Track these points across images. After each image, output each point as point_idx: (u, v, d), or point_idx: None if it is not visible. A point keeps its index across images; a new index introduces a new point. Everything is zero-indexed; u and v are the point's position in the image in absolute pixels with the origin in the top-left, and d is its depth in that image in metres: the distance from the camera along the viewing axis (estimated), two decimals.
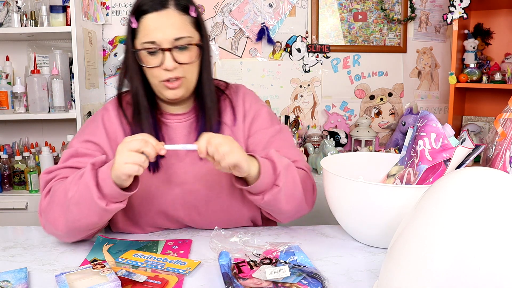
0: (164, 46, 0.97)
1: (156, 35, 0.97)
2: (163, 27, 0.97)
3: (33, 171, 2.11)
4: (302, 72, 2.54)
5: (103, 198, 0.88)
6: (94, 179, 0.89)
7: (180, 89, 1.02)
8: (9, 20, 2.09)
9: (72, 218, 0.91)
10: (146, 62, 1.00)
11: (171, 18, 0.98)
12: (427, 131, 0.96)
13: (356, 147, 2.49)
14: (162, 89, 1.02)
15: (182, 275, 0.84)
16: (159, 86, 1.02)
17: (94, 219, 0.91)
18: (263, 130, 1.11)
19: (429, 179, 0.93)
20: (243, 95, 1.15)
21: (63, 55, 2.20)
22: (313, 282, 0.77)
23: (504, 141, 0.88)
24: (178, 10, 0.99)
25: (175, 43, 0.98)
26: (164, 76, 0.99)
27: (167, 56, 0.97)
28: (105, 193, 0.88)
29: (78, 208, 0.90)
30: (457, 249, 0.57)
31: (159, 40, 0.97)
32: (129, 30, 1.02)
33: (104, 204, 0.88)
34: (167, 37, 0.97)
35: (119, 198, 0.90)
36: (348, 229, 1.03)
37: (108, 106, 1.12)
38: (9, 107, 2.11)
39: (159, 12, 0.97)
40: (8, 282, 0.80)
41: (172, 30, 0.97)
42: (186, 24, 1.00)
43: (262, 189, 0.96)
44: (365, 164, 1.16)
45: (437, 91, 2.64)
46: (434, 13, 2.56)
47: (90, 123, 1.11)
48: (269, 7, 2.48)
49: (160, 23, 0.97)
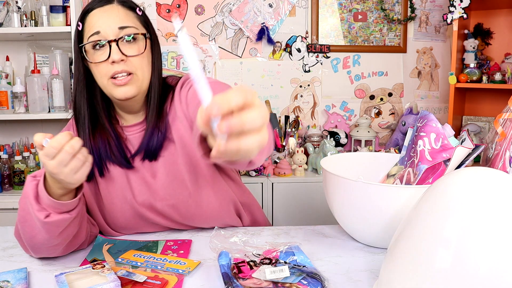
0: (109, 38, 0.95)
1: (100, 26, 0.95)
2: (108, 18, 0.96)
3: (33, 171, 2.11)
4: (302, 72, 2.54)
5: (42, 210, 0.82)
6: (33, 191, 0.82)
7: (130, 87, 0.97)
8: (9, 20, 2.09)
9: (27, 236, 0.87)
10: (93, 59, 0.97)
11: (115, 10, 0.97)
12: (427, 131, 0.96)
13: (356, 147, 2.49)
14: (112, 88, 0.97)
15: (182, 275, 0.84)
16: (108, 86, 0.97)
17: (44, 234, 0.84)
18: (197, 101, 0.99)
19: (429, 179, 0.93)
20: (181, 83, 1.08)
21: (63, 55, 2.20)
22: (313, 282, 0.77)
23: (504, 141, 0.88)
24: (123, 6, 0.99)
25: (120, 32, 0.96)
26: (112, 70, 0.95)
27: (113, 48, 0.94)
28: (45, 205, 0.82)
29: (27, 224, 0.86)
30: (457, 249, 0.57)
31: (104, 30, 0.95)
32: (76, 34, 1.01)
33: (43, 216, 0.81)
34: (111, 25, 0.95)
35: (61, 209, 0.83)
36: (348, 229, 1.03)
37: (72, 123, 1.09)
38: (9, 107, 2.11)
39: (103, 7, 0.97)
40: (8, 282, 0.80)
41: (116, 20, 0.96)
42: (131, 17, 0.99)
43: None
44: (365, 164, 1.16)
45: (437, 91, 2.64)
46: (434, 13, 2.56)
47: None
48: (269, 7, 2.48)
49: (104, 15, 0.96)
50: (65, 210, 0.84)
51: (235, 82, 2.47)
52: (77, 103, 1.03)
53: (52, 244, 0.87)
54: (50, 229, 0.83)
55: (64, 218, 0.83)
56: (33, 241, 0.87)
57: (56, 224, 0.83)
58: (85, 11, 0.99)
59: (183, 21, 0.87)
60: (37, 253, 0.91)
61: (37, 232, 0.85)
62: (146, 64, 1.00)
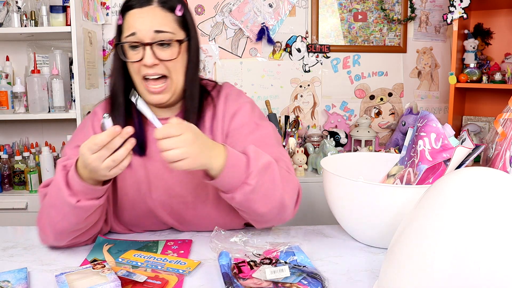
0: (145, 41, 0.96)
1: (137, 27, 0.96)
2: (144, 20, 0.96)
3: (33, 171, 2.11)
4: (302, 72, 2.54)
5: (73, 196, 0.88)
6: (64, 178, 0.89)
7: (165, 94, 1.00)
8: (9, 20, 2.09)
9: (53, 221, 0.92)
10: (128, 57, 0.99)
11: (153, 13, 0.97)
12: (427, 131, 0.96)
13: (356, 147, 2.49)
14: (145, 92, 1.00)
15: (182, 275, 0.84)
16: (141, 87, 1.00)
17: (72, 219, 0.90)
18: (240, 127, 1.05)
19: (429, 179, 0.93)
20: (226, 95, 1.10)
21: (63, 55, 2.20)
22: (313, 282, 0.77)
23: (504, 141, 0.88)
24: (162, 7, 0.98)
25: (155, 37, 0.96)
26: (144, 71, 0.98)
27: (147, 51, 0.96)
28: (75, 190, 0.88)
29: (55, 210, 0.91)
30: (457, 249, 0.57)
31: (140, 31, 0.96)
32: (117, 27, 1.03)
33: (75, 201, 0.87)
34: (147, 28, 0.95)
35: (91, 194, 0.88)
36: (348, 229, 1.03)
37: (97, 110, 1.11)
38: (9, 107, 2.11)
39: (142, 8, 0.97)
40: (8, 282, 0.80)
41: (152, 22, 0.96)
42: (170, 21, 0.98)
43: (230, 186, 0.90)
44: (365, 164, 1.16)
45: (437, 91, 2.64)
46: (434, 13, 2.56)
47: (81, 129, 1.10)
48: (269, 7, 2.48)
49: (141, 17, 0.97)
50: (95, 196, 0.89)
51: (235, 82, 2.47)
52: (114, 92, 1.05)
53: (77, 229, 0.93)
54: (79, 213, 0.90)
55: (93, 204, 0.90)
56: (58, 226, 0.92)
57: (85, 209, 0.89)
58: (125, 7, 0.99)
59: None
60: (59, 239, 0.95)
61: (64, 217, 0.90)
62: (180, 67, 1.01)
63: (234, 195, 0.90)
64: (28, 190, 2.13)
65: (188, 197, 1.04)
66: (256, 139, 1.02)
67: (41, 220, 0.96)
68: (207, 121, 1.07)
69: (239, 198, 0.90)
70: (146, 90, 1.00)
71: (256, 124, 1.05)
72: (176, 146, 0.82)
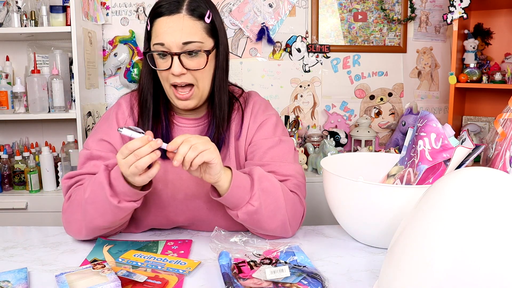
0: (172, 50, 0.97)
1: (165, 37, 0.96)
2: (173, 31, 0.96)
3: (33, 171, 2.11)
4: (302, 72, 2.54)
5: (115, 196, 0.91)
6: (107, 178, 0.91)
7: (191, 100, 1.02)
8: (9, 20, 2.09)
9: (89, 218, 0.95)
10: (158, 65, 1.01)
11: (182, 22, 0.97)
12: (427, 131, 0.96)
13: (356, 147, 2.49)
14: (173, 97, 1.03)
15: (182, 275, 0.84)
16: (170, 93, 1.02)
17: (109, 217, 0.94)
18: (263, 139, 1.08)
19: (429, 179, 0.93)
20: (253, 104, 1.13)
21: (63, 55, 2.20)
22: (313, 282, 0.77)
23: (504, 141, 0.88)
24: (191, 16, 0.98)
25: (183, 47, 0.97)
26: (172, 80, 0.99)
27: (175, 61, 0.97)
28: (117, 191, 0.91)
29: (93, 207, 0.93)
30: (457, 249, 0.57)
31: (168, 43, 0.96)
32: (145, 33, 1.03)
33: (116, 201, 0.90)
34: (175, 41, 0.96)
35: (132, 197, 0.91)
36: (348, 229, 1.03)
37: (122, 102, 1.11)
38: (9, 107, 2.10)
39: (171, 16, 0.97)
40: (8, 282, 0.80)
41: (181, 34, 0.96)
42: (198, 30, 0.98)
43: (235, 204, 0.95)
44: (365, 164, 1.16)
45: (437, 91, 2.64)
46: (434, 13, 2.56)
47: (104, 121, 1.10)
48: (269, 7, 2.48)
49: (170, 26, 0.96)
50: (134, 199, 0.92)
51: (235, 82, 2.47)
52: (144, 96, 1.06)
53: (110, 226, 0.98)
54: (117, 213, 0.93)
55: (132, 206, 0.93)
56: (95, 222, 0.95)
57: (124, 209, 0.93)
58: (154, 13, 0.99)
59: None
60: (91, 233, 0.99)
61: (102, 215, 0.94)
62: (206, 75, 1.02)
63: (238, 213, 0.96)
64: (28, 190, 2.13)
65: (203, 199, 1.06)
66: (275, 154, 1.06)
67: (73, 214, 0.98)
68: (234, 127, 1.09)
69: (243, 216, 0.96)
70: (175, 95, 1.02)
71: (279, 140, 1.08)
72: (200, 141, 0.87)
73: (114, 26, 2.44)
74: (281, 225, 1.00)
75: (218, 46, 1.04)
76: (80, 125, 2.08)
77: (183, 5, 0.98)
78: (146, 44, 1.03)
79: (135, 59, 2.37)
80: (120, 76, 2.41)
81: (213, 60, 1.03)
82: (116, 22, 2.44)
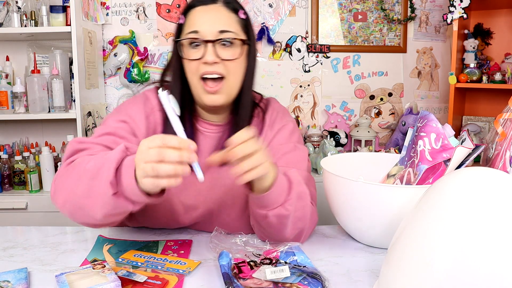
0: (207, 38, 0.94)
1: (200, 25, 0.94)
2: (209, 19, 0.95)
3: (33, 171, 2.11)
4: (302, 72, 2.54)
5: (115, 185, 0.75)
6: (118, 161, 0.76)
7: (220, 95, 0.98)
8: (9, 20, 2.09)
9: (78, 193, 0.80)
10: (188, 55, 0.97)
11: (218, 12, 0.96)
12: (427, 131, 0.96)
13: (356, 147, 2.49)
14: (201, 93, 0.98)
15: (182, 275, 0.84)
16: (198, 87, 0.97)
17: (97, 205, 0.78)
18: (278, 145, 1.06)
19: (429, 179, 0.93)
20: (273, 109, 1.12)
21: (63, 55, 2.20)
22: (313, 282, 0.77)
23: (504, 141, 0.88)
24: (227, 7, 0.98)
25: (219, 35, 0.94)
26: (203, 69, 0.95)
27: (209, 48, 0.94)
28: (121, 182, 0.75)
29: (87, 183, 0.79)
30: (457, 249, 0.57)
31: (203, 31, 0.94)
32: (177, 27, 1.01)
33: (113, 192, 0.75)
34: (211, 29, 0.94)
35: (132, 196, 0.76)
36: (348, 229, 1.03)
37: (149, 95, 1.06)
38: (9, 107, 2.11)
39: (207, 6, 0.97)
40: (8, 282, 0.80)
41: (218, 22, 0.95)
42: (234, 22, 0.97)
43: (269, 203, 0.88)
44: (365, 164, 1.16)
45: (437, 91, 2.64)
46: (434, 13, 2.56)
47: (131, 105, 1.02)
48: (269, 7, 2.48)
49: (206, 15, 0.96)
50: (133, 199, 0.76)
51: None
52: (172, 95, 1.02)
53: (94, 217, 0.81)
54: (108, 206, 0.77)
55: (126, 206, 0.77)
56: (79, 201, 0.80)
57: (116, 206, 0.77)
58: (188, 6, 0.99)
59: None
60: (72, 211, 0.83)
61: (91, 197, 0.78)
62: (239, 69, 0.99)
63: (268, 213, 0.89)
64: (28, 190, 2.13)
65: (215, 203, 1.04)
66: (290, 160, 1.03)
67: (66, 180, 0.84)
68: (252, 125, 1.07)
69: (272, 218, 0.90)
70: (203, 89, 0.96)
71: (294, 146, 1.06)
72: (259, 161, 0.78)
73: (114, 26, 2.44)
74: (298, 233, 0.96)
75: (249, 44, 1.02)
76: (80, 125, 2.08)
77: None
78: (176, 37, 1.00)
79: (135, 59, 2.37)
80: (120, 76, 2.41)
81: (245, 57, 1.01)
82: (116, 22, 2.44)
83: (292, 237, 0.95)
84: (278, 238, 0.95)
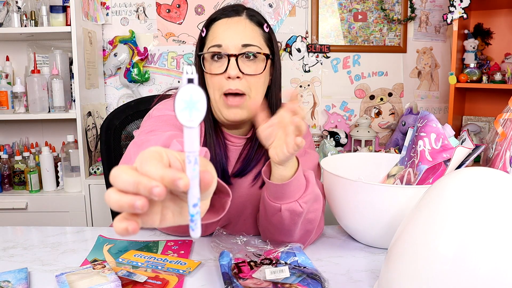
0: (230, 52, 0.92)
1: (224, 39, 0.93)
2: (232, 32, 0.93)
3: (33, 171, 2.11)
4: (302, 72, 2.54)
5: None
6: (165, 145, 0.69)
7: (241, 110, 0.95)
8: (9, 20, 2.09)
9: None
10: (210, 69, 0.95)
11: (242, 25, 0.94)
12: (427, 131, 0.96)
13: (356, 147, 2.49)
14: (222, 107, 0.96)
15: (183, 275, 0.84)
16: (220, 103, 0.95)
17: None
18: None
19: (429, 179, 0.93)
20: None
21: (63, 55, 2.20)
22: (313, 283, 0.77)
23: (504, 141, 0.88)
24: (251, 20, 0.96)
25: (242, 49, 0.93)
26: (226, 86, 0.93)
27: (232, 62, 0.92)
28: None
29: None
30: (457, 249, 0.57)
31: (226, 45, 0.92)
32: (199, 40, 0.99)
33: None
34: (235, 42, 0.92)
35: None
36: (348, 229, 1.03)
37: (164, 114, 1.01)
38: (9, 107, 2.11)
39: (230, 18, 0.94)
40: (9, 282, 0.80)
41: (241, 36, 0.93)
42: (258, 35, 0.95)
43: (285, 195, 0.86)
44: (365, 164, 1.16)
45: (437, 91, 2.64)
46: (434, 13, 2.56)
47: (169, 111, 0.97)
48: (269, 7, 2.47)
49: (229, 28, 0.93)
50: None
51: None
52: None
53: None
54: None
55: None
56: None
57: None
58: (211, 19, 0.96)
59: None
60: None
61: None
62: (261, 85, 0.97)
63: (282, 206, 0.87)
64: (28, 190, 2.13)
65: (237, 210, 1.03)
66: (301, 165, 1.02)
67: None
68: None
69: (284, 212, 0.87)
70: (225, 103, 0.95)
71: (304, 151, 1.05)
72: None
73: (114, 26, 2.44)
74: (305, 236, 0.94)
75: (273, 59, 1.00)
76: (80, 125, 2.08)
77: (243, 12, 0.96)
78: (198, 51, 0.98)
79: (135, 59, 2.37)
80: (120, 76, 2.41)
81: (268, 73, 0.99)
82: (116, 22, 2.44)
83: (298, 238, 0.94)
84: (285, 238, 0.93)
